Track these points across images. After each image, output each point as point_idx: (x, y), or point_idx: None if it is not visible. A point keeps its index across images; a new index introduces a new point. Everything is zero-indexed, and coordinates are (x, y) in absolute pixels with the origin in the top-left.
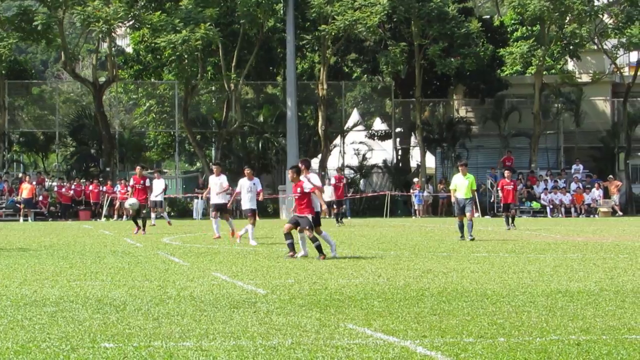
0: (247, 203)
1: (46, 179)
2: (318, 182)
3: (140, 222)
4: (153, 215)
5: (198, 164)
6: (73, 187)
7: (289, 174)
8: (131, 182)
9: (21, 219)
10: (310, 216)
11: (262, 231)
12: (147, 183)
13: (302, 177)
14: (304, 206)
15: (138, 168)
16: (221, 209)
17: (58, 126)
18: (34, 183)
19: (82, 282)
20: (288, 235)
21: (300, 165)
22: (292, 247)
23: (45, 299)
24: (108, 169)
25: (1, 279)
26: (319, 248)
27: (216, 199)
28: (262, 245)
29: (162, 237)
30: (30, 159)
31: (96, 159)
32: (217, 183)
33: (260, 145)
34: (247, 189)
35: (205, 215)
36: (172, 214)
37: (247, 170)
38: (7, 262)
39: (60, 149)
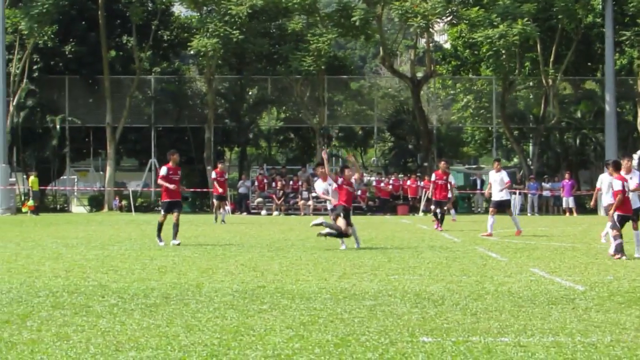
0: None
1: (364, 174)
2: None
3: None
4: (452, 211)
5: (515, 160)
6: (391, 181)
7: None
8: (433, 178)
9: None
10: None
11: (580, 228)
12: (449, 179)
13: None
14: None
15: (442, 163)
16: (502, 205)
17: (376, 121)
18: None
19: (400, 276)
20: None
21: (613, 162)
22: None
23: (364, 292)
24: (425, 164)
25: (321, 273)
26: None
27: (498, 195)
28: (580, 241)
29: (479, 233)
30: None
31: (414, 154)
32: (496, 180)
33: (578, 141)
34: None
35: (522, 210)
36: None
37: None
38: (327, 256)
39: (379, 143)
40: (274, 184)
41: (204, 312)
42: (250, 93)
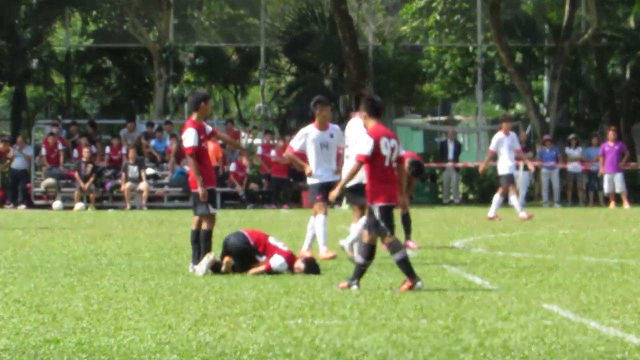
0: None
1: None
2: None
3: None
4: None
5: (518, 107)
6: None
7: None
8: None
9: None
10: None
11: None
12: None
13: None
14: None
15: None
16: (513, 181)
17: (264, 37)
18: None
19: (307, 320)
20: None
21: None
22: None
23: (239, 351)
24: (355, 114)
25: (163, 315)
26: None
27: (508, 168)
28: (635, 255)
29: (451, 241)
30: None
31: (333, 96)
32: (506, 145)
33: (629, 71)
34: None
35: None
36: None
37: None
38: (173, 284)
39: (269, 78)
40: (76, 153)
41: None
42: None
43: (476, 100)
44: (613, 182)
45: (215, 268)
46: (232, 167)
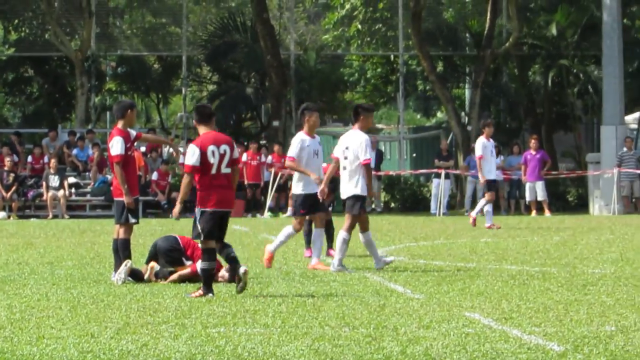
0: None
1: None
2: None
3: None
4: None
5: (439, 115)
6: None
7: None
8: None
9: None
10: None
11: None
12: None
13: None
14: None
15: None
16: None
17: (186, 46)
18: None
19: (229, 328)
20: None
21: None
22: None
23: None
24: (277, 123)
25: (86, 324)
26: None
27: (493, 173)
28: (556, 263)
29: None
30: None
31: (255, 106)
32: (490, 150)
33: (551, 79)
34: None
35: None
36: None
37: None
38: (96, 293)
39: (191, 87)
40: None
41: None
42: None
43: (398, 109)
44: (535, 190)
45: (136, 276)
46: (154, 175)
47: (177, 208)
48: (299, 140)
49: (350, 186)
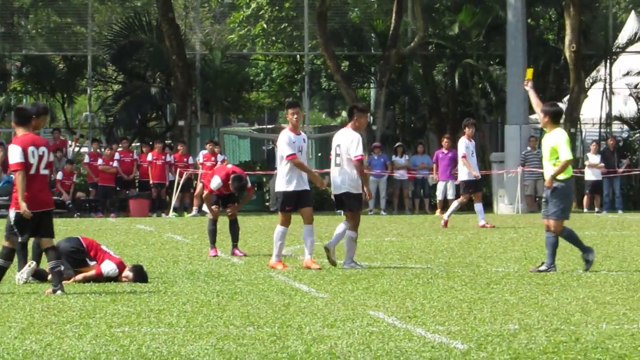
0: None
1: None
2: None
3: None
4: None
5: (344, 115)
6: (118, 155)
7: None
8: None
9: None
10: None
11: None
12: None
13: None
14: None
15: None
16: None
17: (91, 46)
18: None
19: (133, 328)
20: None
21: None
22: None
23: (68, 358)
24: (182, 122)
25: None
26: None
27: (470, 173)
28: (461, 262)
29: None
30: None
31: (160, 105)
32: (472, 151)
33: (457, 78)
34: None
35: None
36: None
37: None
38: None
39: (96, 87)
40: None
41: None
42: None
43: (303, 109)
44: (445, 189)
45: (41, 277)
46: (59, 175)
47: (22, 205)
48: (287, 137)
49: (343, 183)
